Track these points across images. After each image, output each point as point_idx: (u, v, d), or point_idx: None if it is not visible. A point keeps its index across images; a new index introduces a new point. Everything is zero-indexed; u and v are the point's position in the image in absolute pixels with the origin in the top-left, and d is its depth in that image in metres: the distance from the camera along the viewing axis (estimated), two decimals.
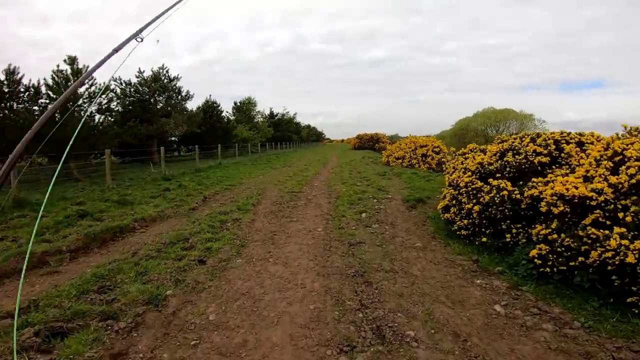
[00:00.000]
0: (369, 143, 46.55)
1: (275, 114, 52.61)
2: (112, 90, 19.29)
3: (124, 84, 20.04)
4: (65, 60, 14.00)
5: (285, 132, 51.63)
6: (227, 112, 37.34)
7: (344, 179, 11.45)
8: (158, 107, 20.93)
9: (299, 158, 24.48)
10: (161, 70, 21.54)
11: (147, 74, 21.15)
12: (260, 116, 44.81)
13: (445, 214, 5.06)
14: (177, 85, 22.16)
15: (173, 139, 27.06)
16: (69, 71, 13.80)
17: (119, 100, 15.98)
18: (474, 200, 4.35)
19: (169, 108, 20.86)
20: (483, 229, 4.32)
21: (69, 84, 13.71)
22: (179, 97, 22.46)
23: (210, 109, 26.31)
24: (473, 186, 4.40)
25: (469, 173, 4.62)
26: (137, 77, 20.85)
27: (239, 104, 37.91)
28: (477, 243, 4.39)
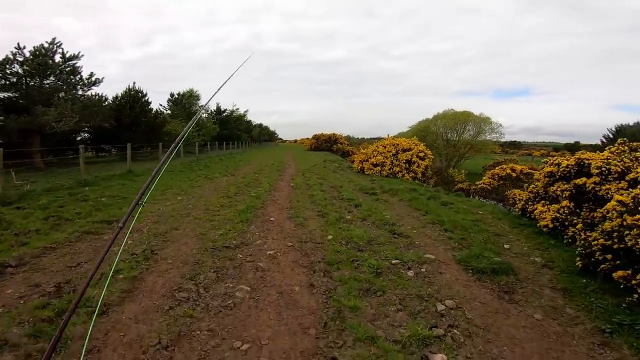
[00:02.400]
0: (327, 144, 43.01)
1: (222, 109, 46.71)
2: None
3: None
4: None
5: (234, 131, 45.96)
6: (161, 105, 31.12)
7: (318, 202, 7.18)
8: (43, 92, 14.81)
9: (248, 161, 19.70)
10: (51, 46, 15.34)
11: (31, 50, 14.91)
12: (204, 112, 38.80)
13: None
14: (76, 65, 16.10)
15: (86, 135, 20.68)
16: None
17: None
18: None
19: (60, 93, 14.86)
20: None
21: None
22: (81, 81, 16.41)
23: (132, 99, 20.36)
24: None
25: None
26: (13, 54, 14.50)
27: (176, 96, 31.71)
28: None
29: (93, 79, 16.40)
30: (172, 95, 31.23)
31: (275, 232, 4.89)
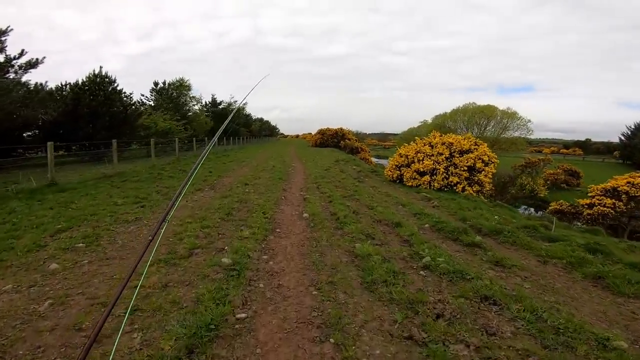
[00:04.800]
0: (333, 140, 38.90)
1: (218, 102, 42.50)
2: None
3: None
4: None
5: (231, 125, 41.78)
6: (143, 95, 26.85)
7: (390, 294, 3.01)
8: None
9: (243, 161, 15.49)
10: None
11: None
12: (196, 103, 34.46)
13: None
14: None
15: (32, 132, 16.42)
16: None
17: None
18: None
19: None
20: None
21: None
22: (7, 62, 12.02)
23: (96, 86, 15.99)
24: None
25: None
26: None
27: (161, 85, 27.24)
28: None
29: (26, 60, 12.00)
30: (155, 84, 26.84)
31: None
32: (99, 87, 16.11)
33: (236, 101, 45.20)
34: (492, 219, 5.66)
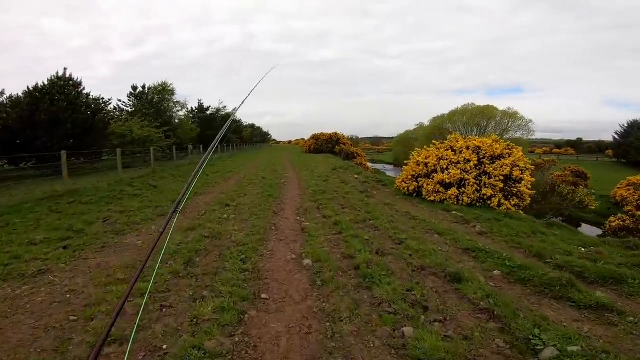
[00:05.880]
0: (328, 145, 37.05)
1: (206, 107, 40.41)
2: None
3: None
4: None
5: (229, 133, 39.68)
6: (120, 101, 24.72)
7: None
8: None
9: (229, 172, 13.55)
10: None
11: None
12: (181, 109, 32.30)
13: None
14: None
15: None
16: None
17: None
18: None
19: None
20: None
21: None
22: None
23: (58, 90, 13.87)
24: None
25: None
26: None
27: (140, 89, 25.04)
28: None
29: None
30: (134, 88, 24.78)
31: None
32: (61, 90, 14.07)
33: (225, 106, 43.18)
34: (577, 251, 3.90)
